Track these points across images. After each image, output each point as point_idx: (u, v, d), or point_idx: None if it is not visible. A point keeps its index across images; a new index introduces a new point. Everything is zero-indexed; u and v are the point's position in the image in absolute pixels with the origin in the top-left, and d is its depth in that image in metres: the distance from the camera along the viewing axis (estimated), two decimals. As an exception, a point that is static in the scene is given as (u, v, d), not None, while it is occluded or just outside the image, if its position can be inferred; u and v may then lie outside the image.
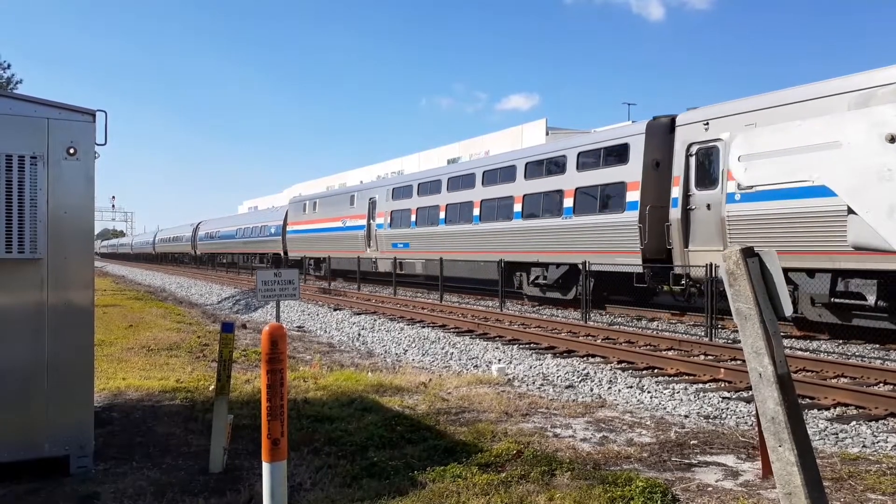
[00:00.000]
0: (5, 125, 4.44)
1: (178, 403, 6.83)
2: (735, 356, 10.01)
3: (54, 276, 4.55)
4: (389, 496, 4.18)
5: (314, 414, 6.24)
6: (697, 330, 13.49)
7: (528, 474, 4.57)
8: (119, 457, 5.04)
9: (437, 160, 40.47)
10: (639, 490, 4.24)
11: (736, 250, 2.66)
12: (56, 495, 4.25)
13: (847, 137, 2.11)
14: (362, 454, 5.06)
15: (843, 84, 11.21)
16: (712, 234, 13.45)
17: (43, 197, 4.50)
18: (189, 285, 32.46)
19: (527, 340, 12.27)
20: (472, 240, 21.36)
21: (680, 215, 14.09)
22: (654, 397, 7.83)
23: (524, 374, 9.24)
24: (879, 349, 11.14)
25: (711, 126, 13.65)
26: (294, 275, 8.78)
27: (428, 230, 23.98)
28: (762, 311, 2.62)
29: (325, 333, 14.59)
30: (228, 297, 24.38)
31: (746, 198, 12.70)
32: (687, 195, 14.06)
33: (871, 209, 2.06)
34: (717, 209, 13.35)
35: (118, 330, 13.10)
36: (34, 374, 4.50)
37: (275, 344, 3.13)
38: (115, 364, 9.11)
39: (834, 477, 4.74)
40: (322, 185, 58.33)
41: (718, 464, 5.11)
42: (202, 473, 4.69)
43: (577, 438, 5.84)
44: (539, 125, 38.23)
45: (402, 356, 11.30)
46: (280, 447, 3.12)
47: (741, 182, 2.51)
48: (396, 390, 7.61)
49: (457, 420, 6.28)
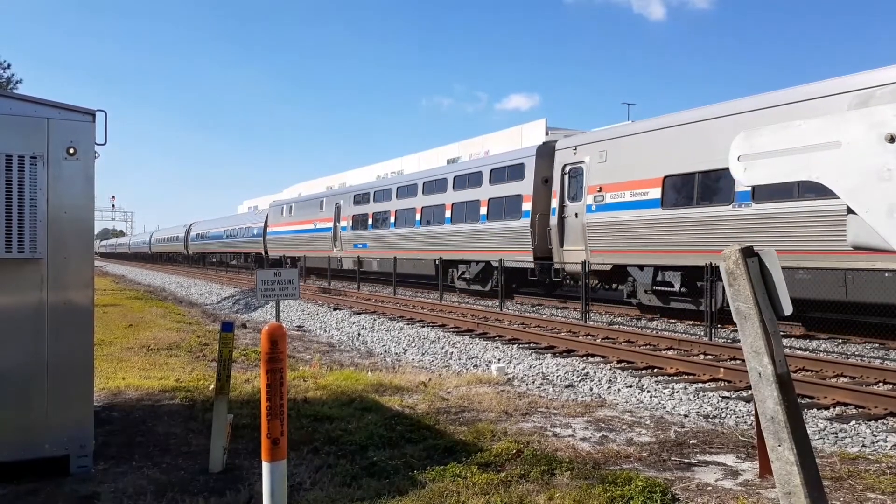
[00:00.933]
0: (5, 125, 4.44)
1: (178, 403, 6.83)
2: (734, 356, 10.01)
3: (54, 276, 4.55)
4: (389, 495, 4.19)
5: (314, 413, 6.24)
6: (697, 329, 13.50)
7: (527, 474, 4.58)
8: (119, 456, 5.04)
9: (437, 160, 40.50)
10: (638, 489, 4.25)
11: (735, 250, 2.66)
12: (56, 495, 4.25)
13: (846, 137, 2.11)
14: (362, 453, 5.06)
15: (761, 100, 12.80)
16: (578, 237, 17.02)
17: (43, 197, 4.50)
18: (189, 285, 32.46)
19: (526, 340, 12.27)
20: (416, 241, 24.96)
21: (556, 222, 17.71)
22: (653, 397, 7.83)
23: (524, 374, 9.24)
24: (879, 348, 11.15)
25: (578, 151, 17.22)
26: (294, 274, 8.78)
27: (382, 232, 27.57)
28: (762, 310, 2.62)
29: (324, 333, 14.59)
30: (228, 297, 24.38)
31: (600, 208, 16.25)
32: (562, 206, 17.66)
33: (871, 209, 2.06)
34: (581, 217, 16.87)
35: (118, 329, 13.10)
36: (34, 374, 4.50)
37: (274, 343, 3.13)
38: (115, 364, 9.11)
39: (833, 476, 4.74)
40: (322, 185, 58.34)
41: (718, 463, 5.12)
42: (202, 473, 4.69)
43: (577, 438, 5.84)
44: (538, 125, 38.19)
45: (402, 356, 11.31)
46: (280, 447, 3.12)
47: (741, 182, 2.51)
48: (396, 390, 7.61)
49: (456, 419, 6.28)
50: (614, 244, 15.88)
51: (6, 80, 30.44)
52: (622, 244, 15.58)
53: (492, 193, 20.84)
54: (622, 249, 15.66)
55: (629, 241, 15.37)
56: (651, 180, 14.82)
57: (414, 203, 25.30)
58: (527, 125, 39.71)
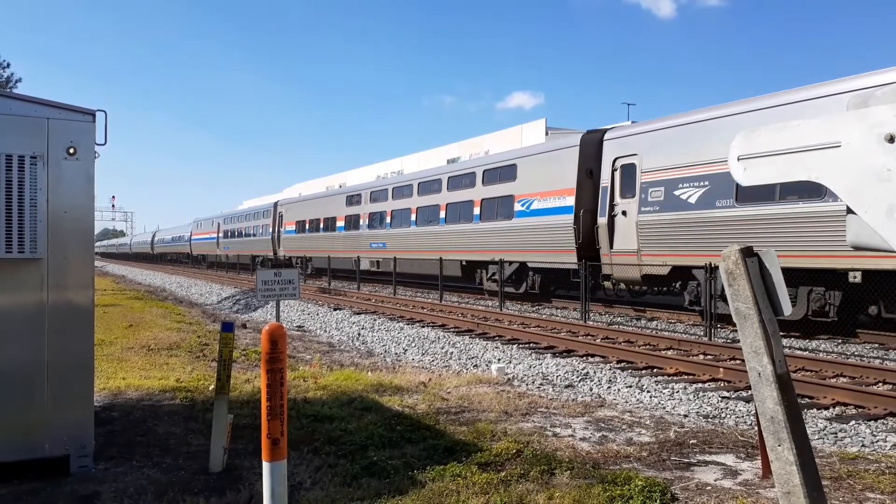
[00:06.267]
0: (5, 125, 4.44)
1: (178, 403, 6.84)
2: (734, 356, 10.01)
3: (54, 276, 4.55)
4: (389, 495, 4.19)
5: (314, 413, 6.24)
6: (697, 329, 13.50)
7: (527, 473, 4.58)
8: (119, 456, 5.04)
9: (437, 160, 40.48)
10: (638, 489, 4.25)
11: (735, 250, 2.66)
12: (56, 495, 4.25)
13: (846, 137, 2.12)
14: (362, 453, 5.06)
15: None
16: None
17: (43, 197, 4.50)
18: (189, 285, 32.45)
19: (526, 340, 12.27)
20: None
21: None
22: (653, 397, 7.83)
23: (524, 374, 9.24)
24: (878, 349, 11.15)
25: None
26: (294, 274, 8.78)
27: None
28: (761, 310, 2.62)
29: (324, 333, 14.59)
30: (228, 297, 24.38)
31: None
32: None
33: (871, 209, 2.06)
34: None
35: (118, 329, 13.10)
36: (34, 374, 4.50)
37: (275, 343, 3.14)
38: (115, 364, 9.11)
39: (833, 476, 4.75)
40: (322, 185, 58.30)
41: (718, 463, 5.12)
42: (202, 473, 4.69)
43: (577, 438, 5.84)
44: (538, 125, 38.14)
45: (402, 356, 11.31)
46: (280, 447, 3.12)
47: (741, 182, 2.51)
48: (396, 390, 7.61)
49: (456, 419, 6.28)
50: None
51: (5, 79, 30.43)
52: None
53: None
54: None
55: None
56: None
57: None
58: (526, 125, 39.64)
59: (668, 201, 14.25)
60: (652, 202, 14.68)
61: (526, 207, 19.10)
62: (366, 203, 29.20)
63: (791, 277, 12.22)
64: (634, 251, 15.15)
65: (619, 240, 15.61)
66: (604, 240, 16.05)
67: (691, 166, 13.74)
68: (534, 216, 18.68)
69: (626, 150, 15.61)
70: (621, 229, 15.54)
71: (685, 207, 13.85)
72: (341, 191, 34.20)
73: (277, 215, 40.19)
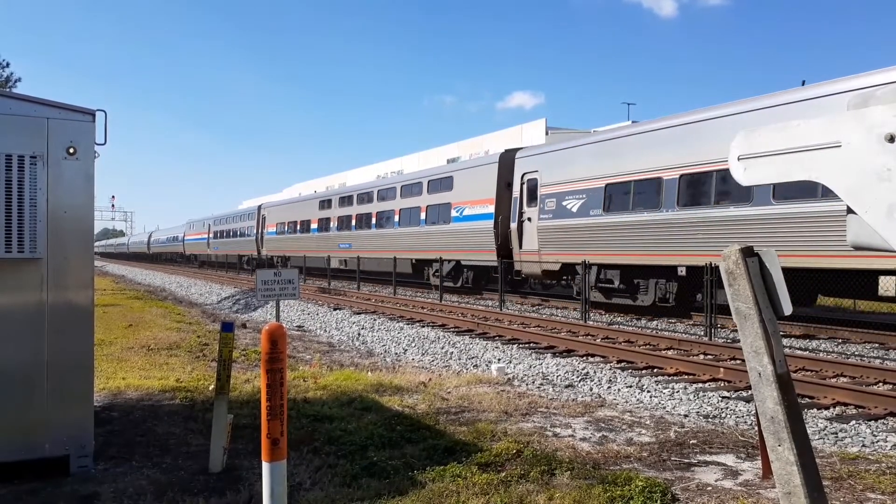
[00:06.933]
0: (5, 125, 4.43)
1: (178, 403, 6.83)
2: (734, 356, 10.01)
3: (54, 276, 4.55)
4: (389, 495, 4.19)
5: (314, 413, 6.24)
6: (697, 329, 13.50)
7: (527, 474, 4.57)
8: (119, 456, 5.04)
9: (437, 160, 40.57)
10: (638, 489, 4.25)
11: (735, 249, 2.66)
12: (56, 495, 4.25)
13: (846, 137, 2.11)
14: (362, 453, 5.06)
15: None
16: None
17: (43, 197, 4.50)
18: (189, 285, 32.45)
19: (526, 340, 12.27)
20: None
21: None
22: (653, 397, 7.83)
23: (524, 374, 9.24)
24: (878, 348, 11.15)
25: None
26: (294, 274, 8.78)
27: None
28: (761, 310, 2.61)
29: (324, 333, 14.59)
30: (228, 297, 24.38)
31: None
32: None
33: (871, 209, 2.06)
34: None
35: (118, 329, 13.10)
36: (34, 374, 4.49)
37: (274, 343, 3.13)
38: (115, 364, 9.11)
39: (833, 476, 4.74)
40: (321, 185, 58.46)
41: (718, 463, 5.12)
42: (202, 473, 4.69)
43: (577, 438, 5.84)
44: (538, 125, 38.17)
45: (402, 356, 11.30)
46: (280, 447, 3.12)
47: (741, 181, 2.50)
48: (396, 390, 7.61)
49: (456, 419, 6.28)
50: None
51: (5, 79, 30.43)
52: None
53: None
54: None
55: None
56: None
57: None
58: (526, 125, 39.69)
59: (558, 210, 17.64)
60: (548, 210, 18.06)
61: (460, 213, 22.64)
62: (335, 207, 32.83)
63: (643, 272, 15.54)
64: (536, 251, 18.51)
65: (526, 241, 19.01)
66: (515, 241, 19.43)
67: (574, 181, 17.15)
68: (466, 221, 22.19)
69: (531, 167, 19.10)
70: (527, 233, 18.99)
71: (570, 215, 17.24)
72: (315, 196, 38.40)
73: (261, 217, 43.10)
